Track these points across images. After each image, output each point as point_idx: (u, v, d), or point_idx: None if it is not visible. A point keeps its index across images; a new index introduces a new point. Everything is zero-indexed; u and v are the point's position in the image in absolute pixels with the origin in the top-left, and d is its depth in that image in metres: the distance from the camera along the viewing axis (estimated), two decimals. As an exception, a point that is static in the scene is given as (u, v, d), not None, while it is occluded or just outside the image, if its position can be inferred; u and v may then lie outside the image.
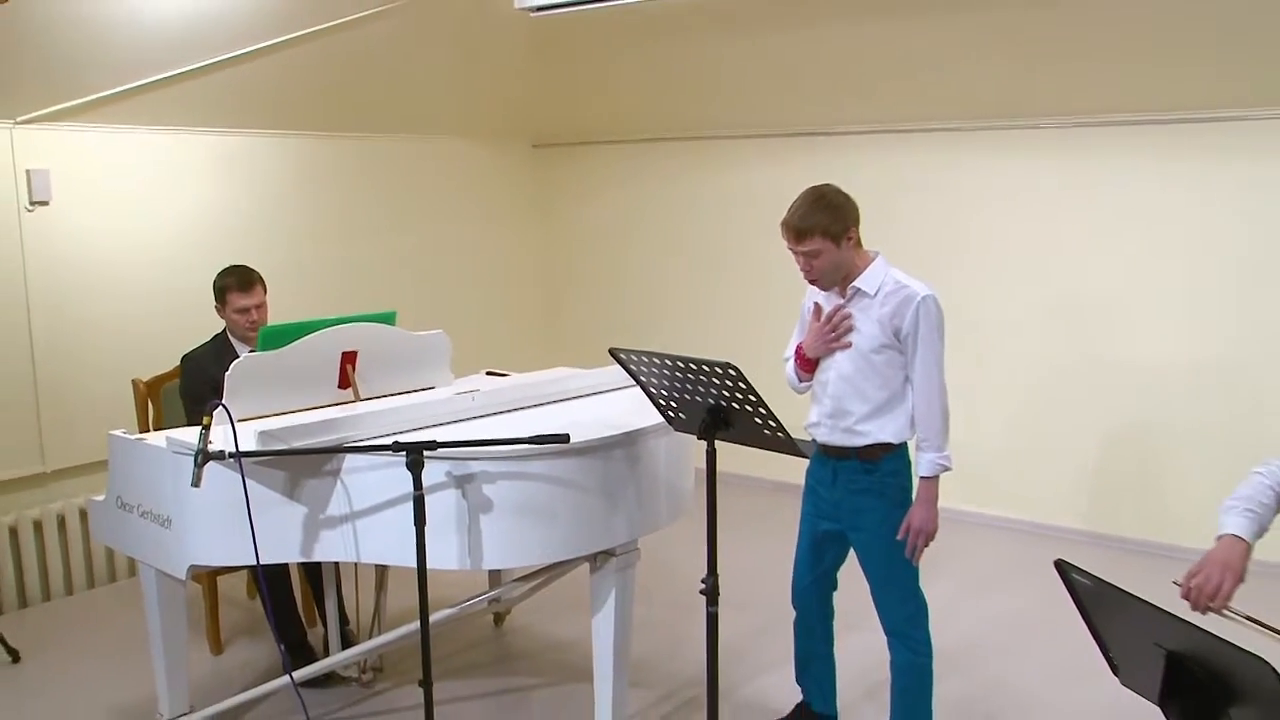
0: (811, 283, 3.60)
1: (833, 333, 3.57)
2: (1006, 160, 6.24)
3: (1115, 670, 2.36)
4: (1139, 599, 2.10)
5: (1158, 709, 2.16)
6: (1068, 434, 6.27)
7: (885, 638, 3.76)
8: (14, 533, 5.32)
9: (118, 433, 3.90)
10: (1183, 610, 2.07)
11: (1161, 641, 2.07)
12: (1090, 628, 2.35)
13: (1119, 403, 6.08)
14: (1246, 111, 5.47)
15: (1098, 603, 2.27)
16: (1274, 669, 1.84)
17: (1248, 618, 2.51)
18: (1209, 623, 2.09)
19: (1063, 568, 2.28)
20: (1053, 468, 6.34)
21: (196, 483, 3.19)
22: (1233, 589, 2.55)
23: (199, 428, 3.23)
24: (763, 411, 3.20)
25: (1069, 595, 2.33)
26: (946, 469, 3.56)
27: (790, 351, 3.75)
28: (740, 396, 3.22)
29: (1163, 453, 5.94)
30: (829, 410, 3.63)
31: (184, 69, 5.61)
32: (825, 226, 3.46)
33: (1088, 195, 6.02)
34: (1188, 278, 5.79)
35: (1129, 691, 2.32)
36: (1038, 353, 6.31)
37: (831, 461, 3.69)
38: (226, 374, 3.85)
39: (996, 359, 6.34)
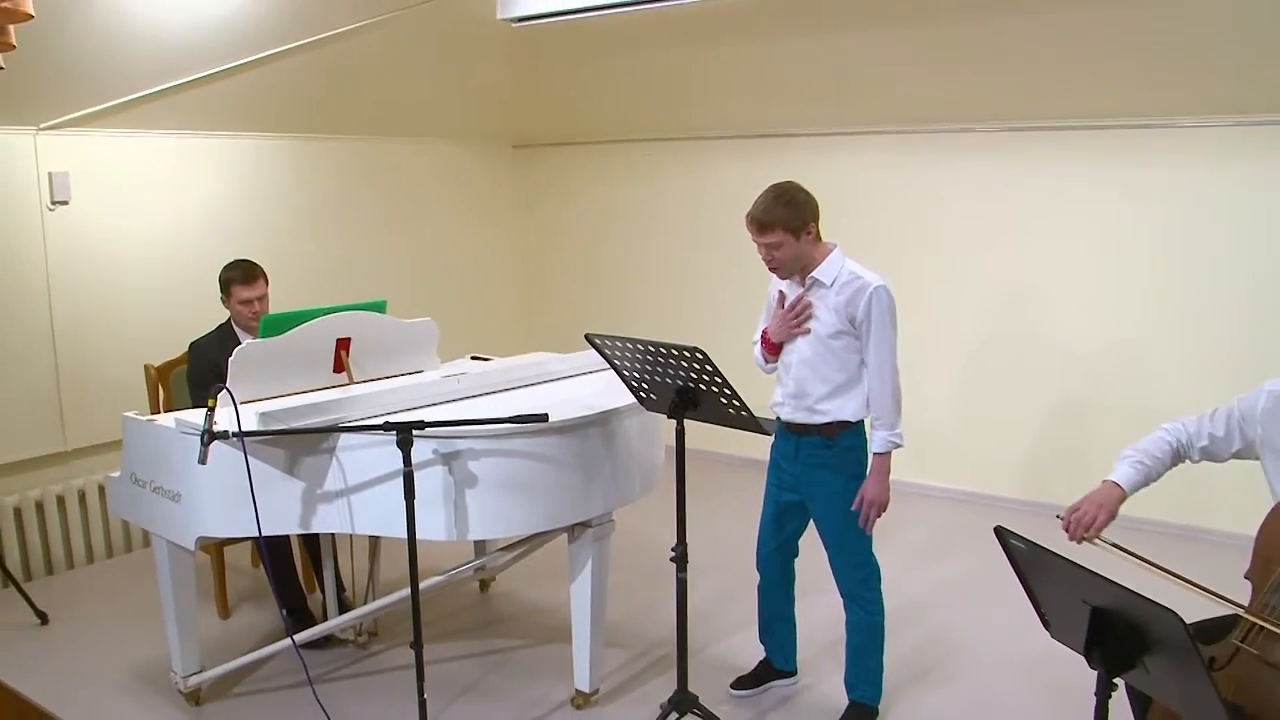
0: (773, 271, 3.61)
1: (794, 319, 3.58)
2: (950, 161, 6.26)
3: (1047, 625, 2.39)
4: (1068, 560, 2.13)
5: (1083, 659, 2.18)
6: (1006, 410, 6.31)
7: (841, 599, 3.79)
8: (40, 507, 5.32)
9: (131, 414, 3.88)
10: (1108, 569, 2.09)
11: (1087, 598, 2.10)
12: (1025, 587, 2.38)
13: (1051, 381, 6.13)
14: (1165, 120, 5.54)
15: (1032, 565, 2.30)
16: (1183, 621, 1.87)
17: (1114, 545, 2.69)
18: (1139, 583, 2.11)
19: (1001, 533, 2.31)
20: (992, 442, 6.39)
21: (203, 460, 3.18)
22: (1104, 524, 2.76)
23: (205, 409, 3.22)
24: (728, 392, 3.22)
25: (1007, 558, 2.36)
26: (898, 446, 3.58)
27: (758, 335, 3.77)
28: (707, 378, 3.23)
29: (1090, 426, 5.98)
30: (792, 391, 3.64)
31: (191, 77, 5.56)
32: (786, 221, 3.46)
33: (1021, 193, 6.06)
34: (1112, 268, 5.85)
35: (1059, 644, 2.34)
36: (978, 336, 6.35)
37: (794, 437, 3.70)
38: (230, 359, 3.84)
39: (941, 342, 6.37)
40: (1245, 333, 5.44)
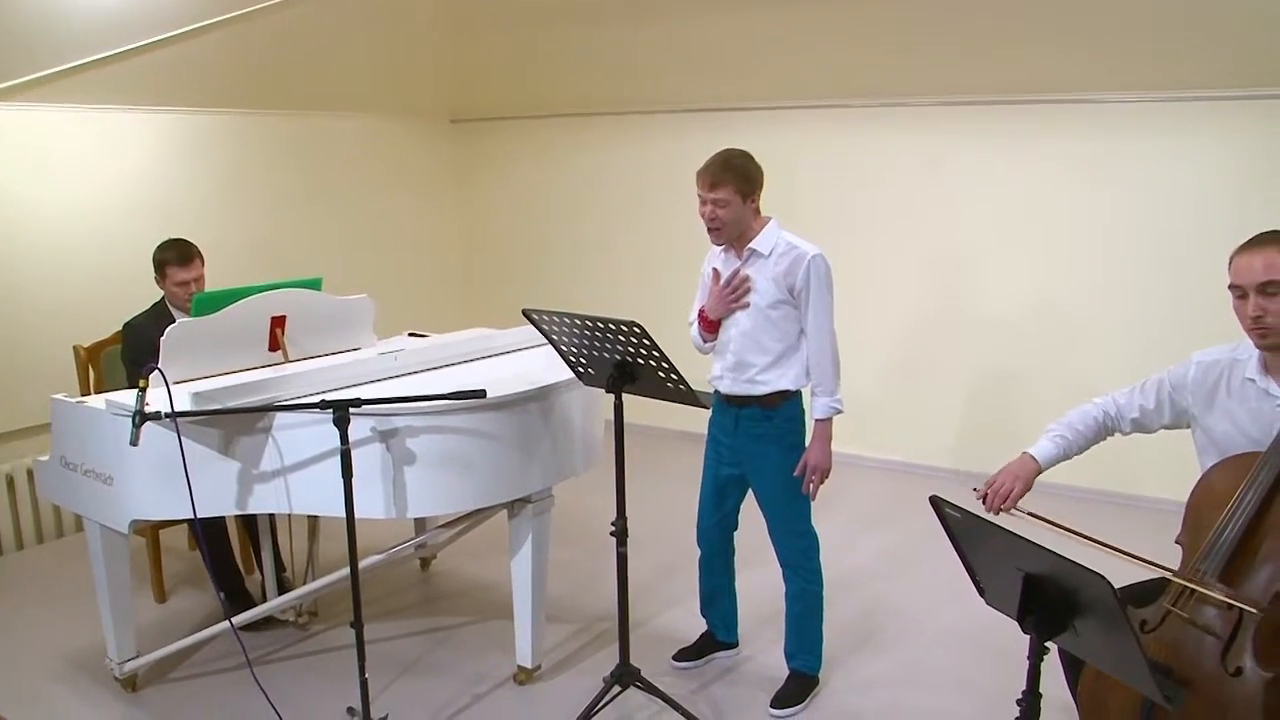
0: (713, 232, 3.59)
1: (732, 295, 3.59)
2: (884, 135, 6.30)
3: (981, 591, 2.42)
4: (1001, 528, 2.16)
5: (1016, 623, 2.22)
6: (940, 382, 6.40)
7: (781, 570, 3.83)
8: (-34, 492, 5.21)
9: (60, 396, 3.81)
10: (1039, 537, 2.12)
11: (1020, 565, 2.13)
12: (960, 555, 2.41)
13: (984, 353, 6.22)
14: (1094, 95, 5.62)
15: (966, 533, 2.33)
16: (1111, 585, 1.90)
17: (1030, 514, 2.74)
18: (1072, 550, 2.15)
19: (936, 503, 2.34)
20: (926, 413, 6.47)
21: (135, 442, 3.13)
22: (1020, 494, 2.84)
23: (136, 390, 3.17)
24: (665, 366, 3.23)
25: (942, 527, 2.38)
26: (839, 411, 3.62)
27: (694, 315, 3.77)
28: (645, 352, 3.23)
29: (1022, 397, 6.08)
30: (731, 364, 3.66)
31: (119, 50, 5.46)
32: (738, 182, 3.50)
33: (955, 167, 6.12)
34: (1043, 241, 5.93)
35: (993, 610, 2.38)
36: (912, 309, 6.42)
37: (733, 410, 3.72)
38: (162, 339, 3.78)
39: (876, 315, 6.43)
40: (1174, 305, 5.54)
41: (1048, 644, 2.20)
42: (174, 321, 4.15)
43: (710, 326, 3.70)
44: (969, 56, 5.91)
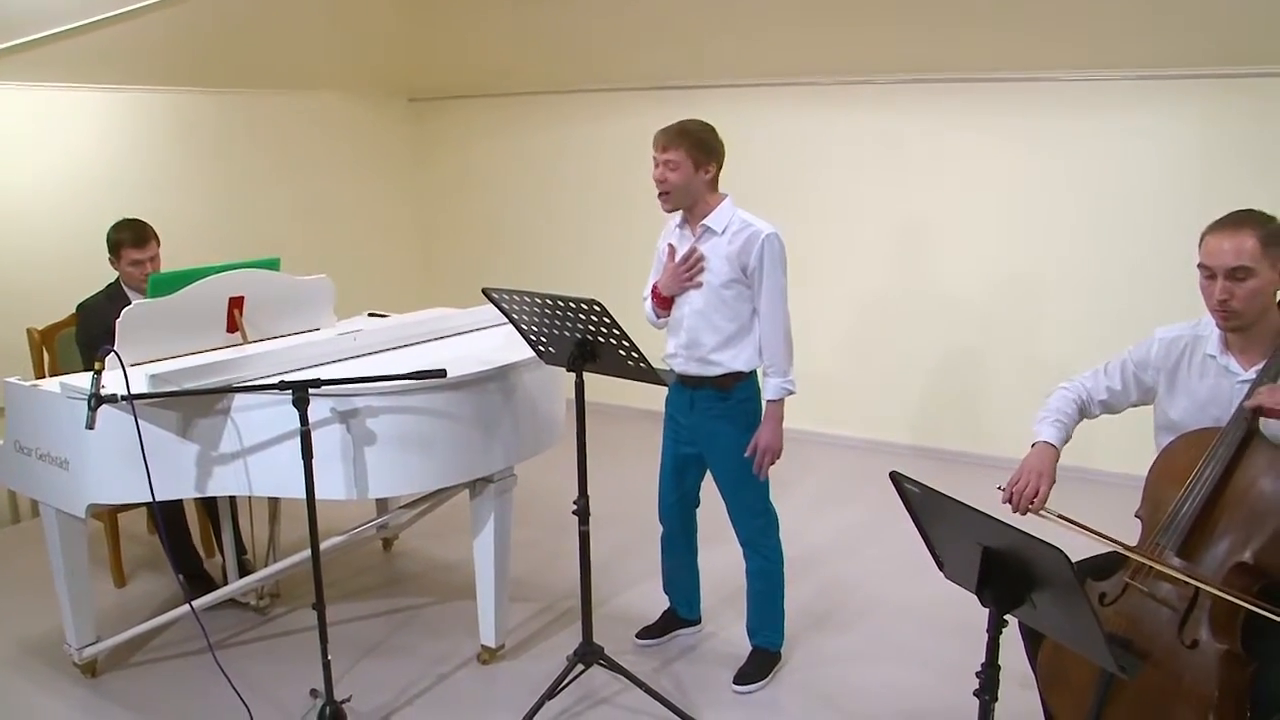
0: (662, 195, 3.58)
1: (686, 272, 3.59)
2: (844, 113, 6.31)
3: (940, 565, 2.44)
4: (960, 503, 2.17)
5: (974, 597, 2.24)
6: (898, 359, 6.44)
7: (741, 548, 3.84)
8: (-83, 479, 5.10)
9: (13, 380, 3.76)
10: (998, 511, 2.14)
11: (978, 538, 2.15)
12: (920, 529, 2.42)
13: (942, 329, 6.27)
14: (1054, 74, 5.66)
15: (926, 508, 2.34)
16: (1068, 558, 1.92)
17: (1060, 516, 2.65)
18: (1027, 522, 2.17)
19: (896, 478, 2.35)
20: (885, 389, 6.51)
21: (91, 425, 3.09)
22: (1047, 491, 2.71)
23: (91, 373, 3.13)
24: (626, 344, 3.22)
25: (901, 502, 2.40)
26: (791, 393, 3.62)
27: (648, 291, 3.77)
28: (605, 330, 3.23)
29: (980, 373, 6.13)
30: (684, 342, 3.66)
31: (68, 26, 5.36)
32: (692, 148, 3.50)
33: (913, 145, 6.15)
34: (1001, 219, 5.97)
35: (953, 584, 2.40)
36: (870, 286, 6.45)
37: (689, 390, 3.72)
38: (119, 320, 3.74)
39: (834, 292, 6.46)
40: (1133, 281, 5.60)
41: (1006, 617, 2.23)
42: (129, 303, 4.10)
43: (664, 303, 3.70)
44: (927, 34, 5.93)
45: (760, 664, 3.88)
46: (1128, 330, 3.05)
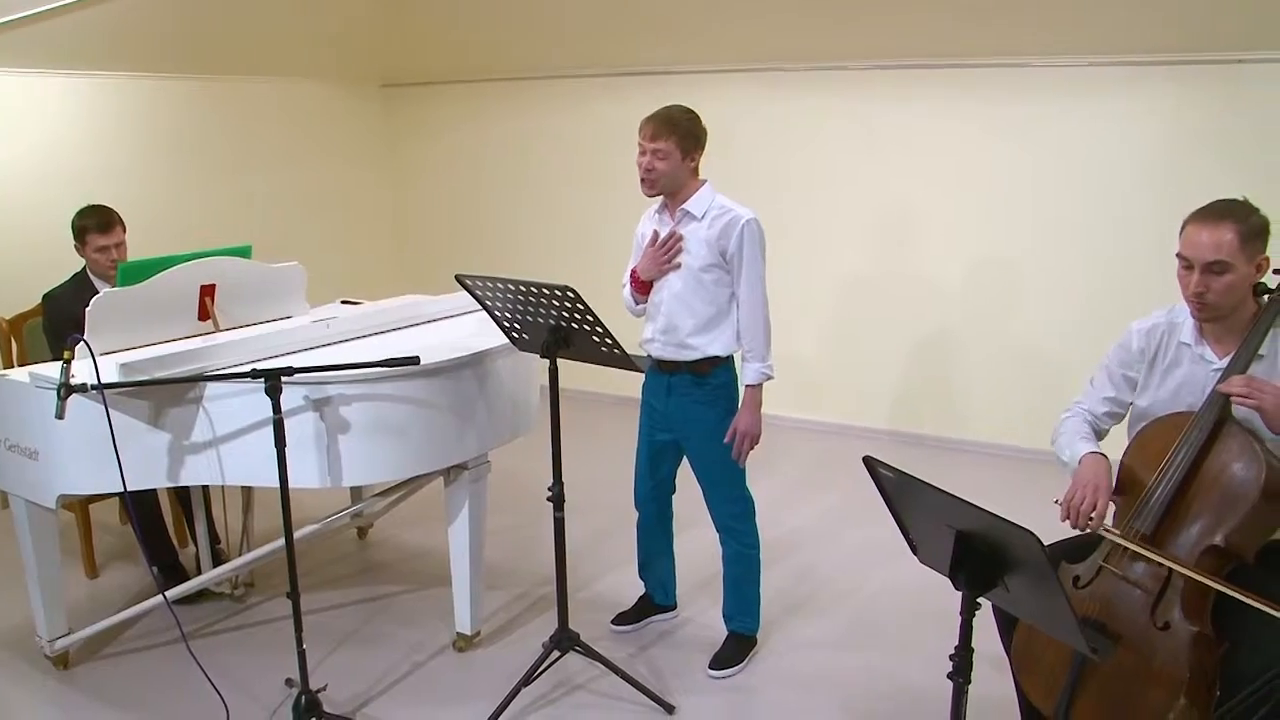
0: (648, 185, 3.58)
1: (665, 255, 3.59)
2: (821, 99, 6.31)
3: (914, 549, 2.45)
4: (933, 487, 2.18)
5: (948, 580, 2.25)
6: (875, 344, 6.46)
7: (717, 534, 3.85)
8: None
9: (-19, 370, 3.73)
10: (971, 495, 2.15)
11: (951, 522, 2.16)
12: (893, 514, 2.43)
13: (919, 314, 6.29)
14: (1028, 59, 5.68)
15: (900, 492, 2.35)
16: (1040, 541, 1.93)
17: (1122, 536, 2.60)
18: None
19: (870, 463, 2.35)
20: (862, 374, 6.53)
21: (60, 415, 3.06)
22: (1105, 504, 2.67)
23: (61, 362, 3.11)
24: (599, 330, 3.22)
25: (876, 487, 2.40)
26: (769, 378, 3.62)
27: (626, 277, 3.76)
28: (579, 317, 3.23)
29: (956, 357, 6.16)
30: (662, 326, 3.66)
31: (30, 11, 5.31)
32: (681, 136, 3.50)
33: (890, 130, 6.16)
34: (979, 203, 5.99)
35: (926, 567, 2.41)
36: (847, 272, 6.46)
37: (666, 376, 3.72)
38: (87, 309, 3.71)
39: (812, 278, 6.47)
40: (1108, 265, 5.62)
41: (980, 600, 2.24)
42: (96, 292, 4.07)
43: (642, 288, 3.70)
44: (902, 21, 5.94)
45: (736, 649, 3.89)
46: (1103, 314, 3.08)
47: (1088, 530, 2.66)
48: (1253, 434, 2.51)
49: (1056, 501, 2.75)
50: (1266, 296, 2.66)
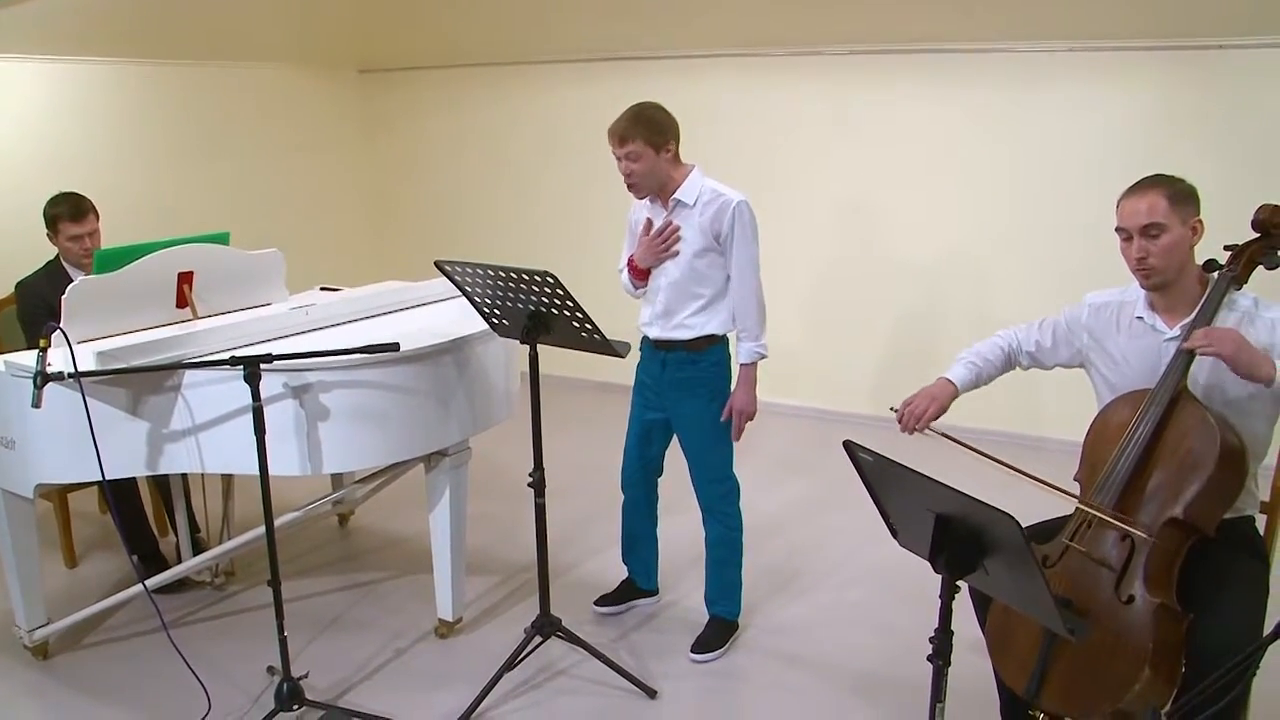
0: (631, 187, 3.61)
1: (661, 244, 3.61)
2: (792, 84, 6.32)
3: (894, 533, 2.47)
4: (914, 471, 2.19)
5: (928, 564, 2.27)
6: (854, 329, 6.48)
7: (701, 516, 3.87)
8: None
9: (-44, 359, 3.70)
10: (951, 479, 2.16)
11: (931, 506, 2.17)
12: (874, 498, 2.44)
13: (897, 298, 6.31)
14: (1003, 44, 5.71)
15: (880, 476, 2.36)
16: (1019, 524, 1.95)
17: (943, 434, 2.89)
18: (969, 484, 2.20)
19: (850, 447, 2.36)
20: (842, 359, 6.55)
21: (37, 404, 3.05)
22: (934, 415, 2.99)
23: (37, 351, 3.09)
24: (580, 316, 3.23)
25: (856, 471, 2.42)
26: (764, 356, 3.68)
27: (623, 263, 3.79)
28: (559, 302, 3.23)
29: (935, 341, 6.17)
30: (660, 311, 3.70)
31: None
32: (647, 135, 3.51)
33: (866, 114, 6.18)
34: (953, 187, 6.02)
35: (906, 551, 2.43)
36: (825, 256, 6.48)
37: (660, 354, 3.76)
38: (64, 297, 3.69)
39: (790, 262, 6.46)
40: (1081, 247, 5.64)
41: (959, 583, 2.26)
42: (69, 279, 4.04)
43: (640, 275, 3.73)
44: (879, 5, 5.94)
45: (718, 633, 3.91)
46: (1077, 298, 3.11)
47: (913, 435, 3.00)
48: (1207, 406, 2.59)
49: (892, 409, 3.04)
50: (1217, 273, 2.77)
